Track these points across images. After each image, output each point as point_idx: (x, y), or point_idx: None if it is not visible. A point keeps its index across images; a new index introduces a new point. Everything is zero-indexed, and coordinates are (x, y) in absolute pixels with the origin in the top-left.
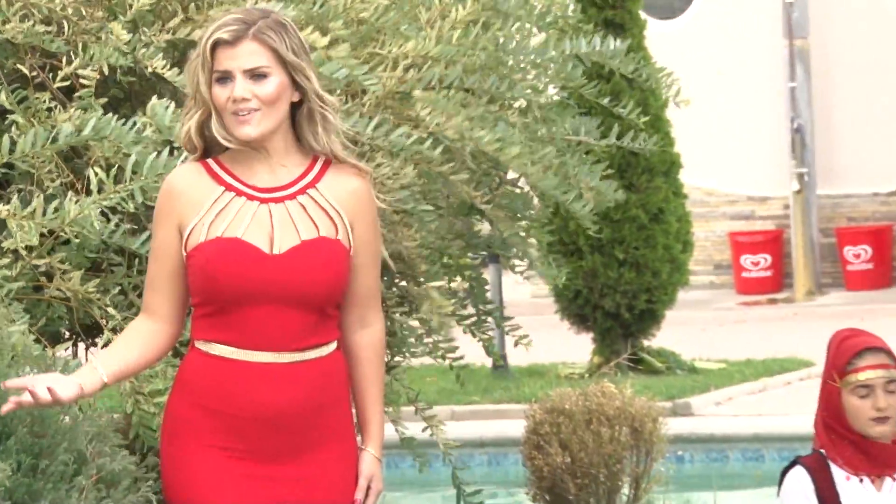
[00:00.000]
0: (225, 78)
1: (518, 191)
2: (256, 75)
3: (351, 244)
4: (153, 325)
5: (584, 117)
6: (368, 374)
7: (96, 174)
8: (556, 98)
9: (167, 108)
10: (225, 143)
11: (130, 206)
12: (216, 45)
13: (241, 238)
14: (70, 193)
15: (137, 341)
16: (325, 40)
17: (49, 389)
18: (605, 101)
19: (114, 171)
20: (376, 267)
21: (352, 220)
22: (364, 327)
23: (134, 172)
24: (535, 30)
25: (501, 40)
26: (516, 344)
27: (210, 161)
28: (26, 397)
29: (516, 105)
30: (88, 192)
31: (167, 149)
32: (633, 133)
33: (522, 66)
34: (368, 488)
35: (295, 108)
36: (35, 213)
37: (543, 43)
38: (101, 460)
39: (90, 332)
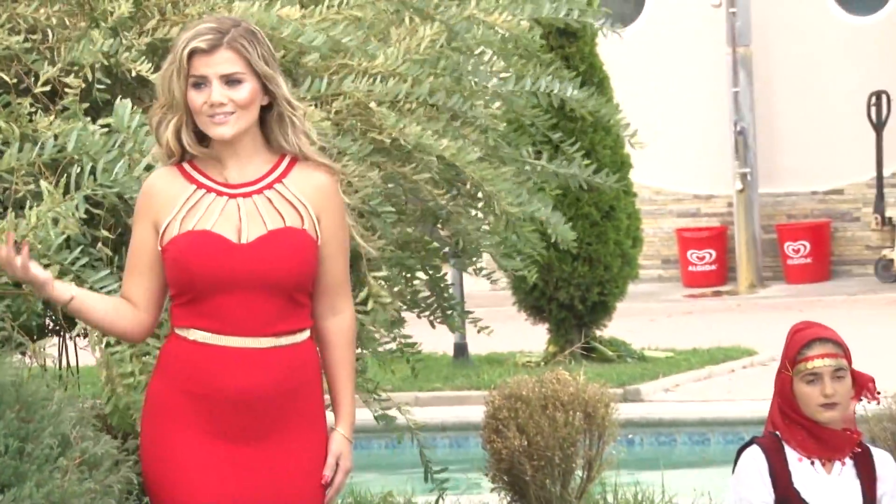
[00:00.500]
0: (200, 83)
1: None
2: (231, 81)
3: (318, 235)
4: (130, 307)
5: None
6: (339, 358)
7: (48, 187)
8: (511, 125)
9: (126, 108)
10: (194, 151)
11: (75, 217)
12: (192, 54)
13: (211, 230)
14: (28, 203)
15: (112, 306)
16: (298, 12)
17: (22, 255)
18: (556, 135)
19: (73, 183)
20: (345, 257)
21: (318, 212)
22: (335, 314)
23: (77, 187)
24: (495, 58)
25: (461, 62)
26: (479, 331)
27: (184, 164)
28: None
29: (477, 123)
30: (66, 191)
31: (102, 162)
32: (587, 165)
33: (480, 91)
34: (337, 466)
35: (264, 110)
36: (7, 221)
37: (504, 71)
38: (84, 444)
39: (73, 323)
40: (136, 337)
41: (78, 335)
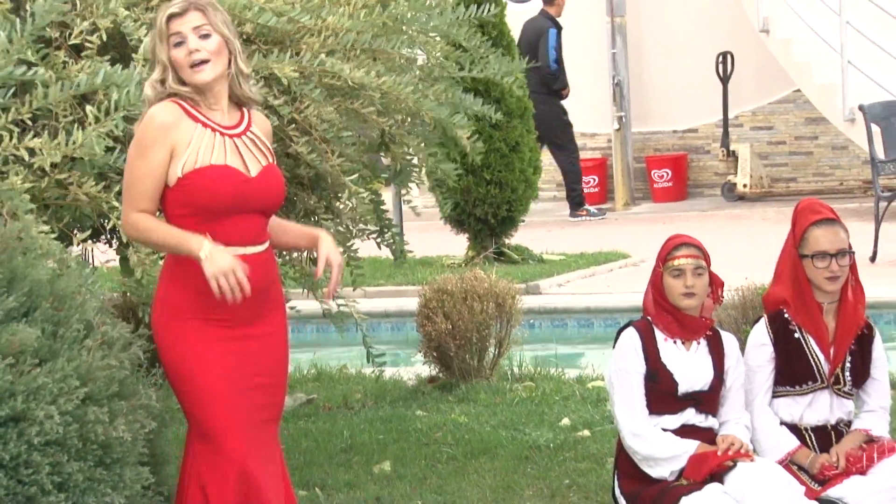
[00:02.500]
0: (180, 42)
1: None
2: (203, 35)
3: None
4: None
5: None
6: (281, 222)
7: (92, 111)
8: (441, 58)
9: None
10: (180, 91)
11: (118, 131)
12: (169, 18)
13: (228, 165)
14: (77, 126)
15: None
16: None
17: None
18: (481, 39)
19: (113, 106)
20: None
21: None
22: None
23: (115, 109)
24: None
25: (398, 15)
26: (403, 254)
27: (180, 101)
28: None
29: (419, 63)
30: (97, 121)
31: (135, 85)
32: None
33: (422, 33)
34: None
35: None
36: (50, 142)
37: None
38: (104, 328)
39: (104, 228)
40: None
41: (110, 235)
